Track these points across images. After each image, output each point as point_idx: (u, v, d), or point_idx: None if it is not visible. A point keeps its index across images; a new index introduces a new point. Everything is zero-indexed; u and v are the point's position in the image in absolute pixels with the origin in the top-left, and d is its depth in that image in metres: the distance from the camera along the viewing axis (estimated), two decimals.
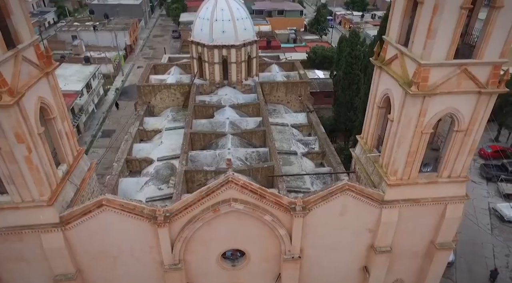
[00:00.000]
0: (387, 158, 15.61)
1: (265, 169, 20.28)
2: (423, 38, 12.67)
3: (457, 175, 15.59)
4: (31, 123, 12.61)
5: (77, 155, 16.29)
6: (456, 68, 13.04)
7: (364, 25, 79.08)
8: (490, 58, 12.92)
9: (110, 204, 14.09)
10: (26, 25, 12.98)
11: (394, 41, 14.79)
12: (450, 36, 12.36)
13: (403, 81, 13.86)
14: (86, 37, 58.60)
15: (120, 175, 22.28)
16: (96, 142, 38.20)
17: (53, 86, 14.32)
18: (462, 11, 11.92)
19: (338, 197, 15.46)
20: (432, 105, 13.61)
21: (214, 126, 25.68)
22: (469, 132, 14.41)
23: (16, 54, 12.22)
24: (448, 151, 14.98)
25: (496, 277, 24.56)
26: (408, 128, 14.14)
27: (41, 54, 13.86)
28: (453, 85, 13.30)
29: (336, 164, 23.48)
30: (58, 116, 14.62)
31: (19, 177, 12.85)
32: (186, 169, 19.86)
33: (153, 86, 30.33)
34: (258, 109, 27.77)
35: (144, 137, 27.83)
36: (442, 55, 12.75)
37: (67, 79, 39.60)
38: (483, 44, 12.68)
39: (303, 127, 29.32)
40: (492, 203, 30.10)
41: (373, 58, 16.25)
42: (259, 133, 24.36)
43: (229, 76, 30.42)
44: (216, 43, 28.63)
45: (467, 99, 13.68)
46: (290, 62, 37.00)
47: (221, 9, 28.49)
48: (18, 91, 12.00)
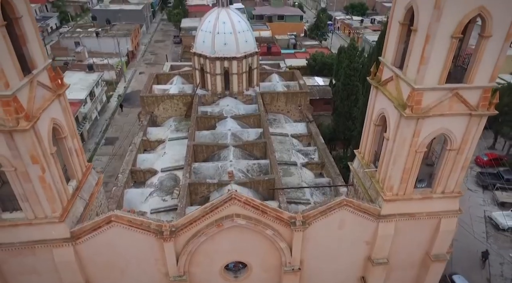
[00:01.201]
0: (383, 173, 16.29)
1: (266, 182, 20.96)
2: (416, 64, 13.36)
3: (451, 191, 16.27)
4: (44, 144, 13.28)
5: (86, 170, 16.95)
6: (448, 92, 13.74)
7: (364, 30, 79.76)
8: (480, 82, 13.60)
9: (119, 220, 14.76)
10: (40, 51, 13.67)
11: (390, 63, 15.49)
12: (442, 63, 13.07)
13: (398, 103, 14.55)
14: (89, 44, 59.33)
15: (125, 186, 22.99)
16: (100, 150, 38.84)
17: (64, 107, 14.98)
18: (453, 40, 12.63)
19: (336, 212, 16.14)
20: (425, 126, 14.29)
21: (216, 138, 26.37)
22: (461, 151, 15.10)
23: (31, 80, 12.91)
24: (442, 168, 15.67)
25: (487, 257, 26.11)
26: (403, 147, 14.83)
27: (53, 77, 14.52)
28: (445, 108, 14.00)
29: (335, 175, 24.17)
30: (69, 135, 15.31)
31: (33, 195, 13.52)
32: (190, 181, 20.54)
33: (156, 97, 31.04)
34: (259, 120, 28.47)
35: (148, 147, 28.52)
36: (435, 80, 13.45)
37: (71, 88, 39.59)
38: (473, 69, 13.38)
39: (303, 137, 30.01)
40: (487, 211, 30.74)
41: (370, 77, 16.96)
42: (260, 145, 25.04)
43: (231, 86, 31.15)
44: (218, 55, 29.37)
45: (459, 121, 14.37)
46: (290, 71, 37.64)
47: (223, 22, 29.23)
48: (33, 115, 12.68)
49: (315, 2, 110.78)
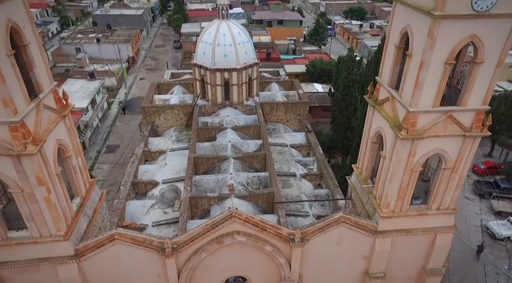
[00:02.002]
0: (380, 190, 16.69)
1: (266, 195, 21.34)
2: (411, 88, 13.77)
3: (446, 207, 16.67)
4: (50, 165, 13.66)
5: (89, 186, 17.34)
6: (442, 115, 14.14)
7: (363, 35, 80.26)
8: (473, 105, 14.01)
9: (122, 238, 15.14)
10: (46, 74, 14.07)
11: (386, 84, 15.89)
12: (436, 87, 13.48)
13: (394, 124, 14.95)
14: (90, 50, 59.70)
15: (127, 198, 23.35)
16: (101, 158, 39.18)
17: (69, 127, 15.38)
18: (447, 66, 13.04)
19: (334, 228, 16.53)
20: (420, 146, 14.69)
21: (217, 149, 26.76)
22: (455, 170, 15.50)
23: (38, 104, 13.30)
24: (437, 185, 16.06)
25: (482, 251, 27.60)
26: (399, 166, 15.22)
27: (58, 99, 14.94)
28: (440, 129, 14.40)
29: (333, 187, 24.57)
30: (73, 154, 15.69)
31: (39, 215, 13.90)
32: (191, 195, 20.91)
33: (157, 107, 31.44)
34: (258, 131, 28.86)
35: (149, 157, 28.89)
36: (429, 103, 13.85)
37: (72, 96, 40.50)
38: (466, 93, 13.78)
39: (302, 148, 30.40)
40: (484, 220, 31.12)
41: (367, 96, 17.37)
42: (260, 157, 25.42)
43: (231, 97, 31.56)
44: (218, 67, 29.78)
45: (453, 142, 14.77)
46: (289, 80, 38.05)
47: (223, 34, 29.65)
48: (40, 138, 13.06)
49: (314, 6, 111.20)
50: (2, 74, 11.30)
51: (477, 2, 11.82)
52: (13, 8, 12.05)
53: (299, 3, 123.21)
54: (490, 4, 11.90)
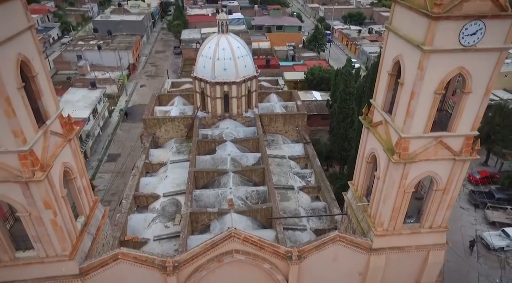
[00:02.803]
0: (375, 209, 17.28)
1: (264, 210, 21.91)
2: (403, 115, 14.37)
3: (438, 226, 17.26)
4: (56, 189, 14.22)
5: (93, 205, 17.90)
6: (433, 140, 14.74)
7: (361, 41, 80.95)
8: (462, 131, 14.62)
9: (125, 257, 15.71)
10: (53, 101, 14.65)
11: (380, 108, 16.48)
12: (427, 115, 14.08)
13: (387, 147, 15.54)
14: (91, 57, 60.29)
15: (128, 212, 23.89)
16: (102, 167, 39.74)
17: (74, 150, 15.94)
18: (436, 96, 13.65)
19: (330, 246, 17.12)
20: (413, 169, 15.28)
21: (217, 162, 27.33)
22: (447, 191, 16.09)
23: (45, 131, 13.87)
24: (429, 205, 16.66)
25: (474, 245, 29.50)
26: (392, 188, 15.81)
27: (64, 123, 15.50)
28: (431, 154, 15.00)
29: (330, 200, 25.15)
30: (78, 175, 16.26)
31: (45, 236, 14.47)
32: (191, 210, 21.47)
33: (158, 119, 32.02)
34: (257, 144, 29.43)
35: (150, 169, 29.45)
36: (420, 129, 14.46)
37: (74, 106, 41.27)
38: (456, 120, 14.39)
39: (300, 159, 30.97)
40: (479, 230, 31.70)
41: (362, 117, 17.98)
42: (259, 171, 26.00)
43: (230, 109, 32.16)
44: (218, 80, 30.38)
45: (444, 165, 15.37)
46: (288, 91, 38.65)
47: (223, 48, 30.25)
48: (47, 164, 13.63)
49: (313, 11, 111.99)
50: (13, 108, 11.88)
51: (464, 37, 12.44)
52: (23, 42, 12.64)
53: (298, 7, 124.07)
54: (477, 39, 12.51)
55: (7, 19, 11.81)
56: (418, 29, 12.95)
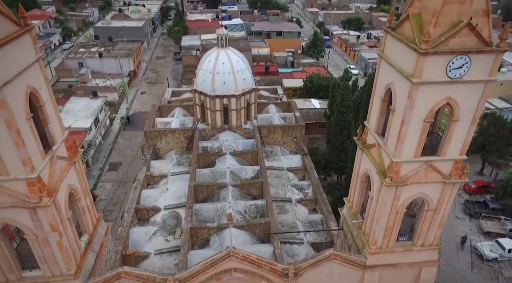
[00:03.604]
0: (369, 228, 17.88)
1: (263, 225, 22.51)
2: (394, 140, 14.99)
3: (430, 244, 17.87)
4: (62, 212, 14.83)
5: (96, 222, 18.49)
6: (423, 164, 15.36)
7: (360, 47, 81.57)
8: (451, 156, 15.23)
9: (128, 276, 16.31)
10: (59, 127, 15.24)
11: (373, 130, 17.10)
12: (417, 141, 14.71)
13: (379, 170, 16.15)
14: (92, 64, 60.92)
15: (130, 225, 24.51)
16: (104, 176, 40.31)
17: (79, 171, 16.54)
18: (426, 124, 14.27)
19: (325, 264, 17.72)
20: (404, 191, 15.90)
21: (216, 176, 27.93)
22: (437, 211, 16.71)
23: (52, 156, 14.48)
24: (421, 224, 17.27)
25: (465, 241, 31.42)
26: (385, 208, 16.42)
27: (70, 146, 16.09)
28: (422, 177, 15.61)
29: (327, 213, 25.77)
30: (82, 195, 16.86)
31: (51, 257, 15.06)
32: (191, 226, 22.07)
33: (159, 131, 32.65)
34: (256, 157, 30.04)
35: (151, 181, 30.08)
36: (411, 154, 15.07)
37: (76, 115, 41.90)
38: (445, 145, 15.01)
39: (298, 171, 31.58)
40: (473, 240, 32.28)
41: (356, 138, 18.60)
42: (257, 185, 26.61)
43: (230, 121, 32.80)
44: (218, 94, 31.01)
45: (435, 187, 15.99)
46: (286, 102, 39.26)
47: (222, 62, 30.89)
48: (53, 188, 14.22)
49: (313, 15, 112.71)
50: (23, 138, 12.49)
51: (451, 70, 13.07)
52: (32, 74, 13.24)
53: (298, 11, 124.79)
54: (463, 72, 13.14)
55: (17, 55, 12.43)
56: (408, 60, 13.59)
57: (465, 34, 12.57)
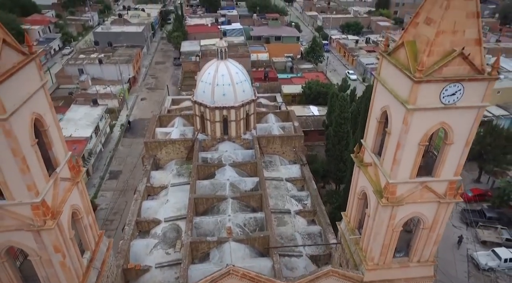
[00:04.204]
0: (366, 244, 18.24)
1: (262, 239, 22.83)
2: (390, 162, 15.34)
3: (426, 260, 18.23)
4: (65, 233, 15.16)
5: (98, 239, 18.81)
6: (419, 185, 15.73)
7: (359, 51, 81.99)
8: (446, 177, 15.60)
9: None
10: (62, 149, 15.57)
11: (370, 149, 17.47)
12: (412, 163, 15.07)
13: (376, 189, 16.52)
14: (92, 70, 61.27)
15: (131, 238, 24.81)
16: (104, 185, 40.60)
17: (81, 191, 16.87)
18: (421, 147, 14.64)
19: (323, 280, 18.06)
20: (400, 211, 16.26)
21: (216, 188, 28.26)
22: (433, 229, 17.07)
23: (55, 179, 14.80)
24: (417, 242, 17.64)
25: (461, 241, 32.90)
26: (381, 227, 16.77)
27: (72, 166, 16.41)
28: (417, 197, 15.98)
29: (325, 225, 26.10)
30: (85, 214, 17.18)
31: (54, 277, 15.36)
32: (191, 240, 22.38)
33: (159, 142, 32.97)
34: (255, 168, 30.38)
35: (152, 192, 30.40)
36: (407, 175, 15.44)
37: (77, 124, 42.22)
38: (439, 167, 15.37)
39: (297, 181, 31.91)
40: (470, 249, 32.66)
41: (354, 155, 18.96)
42: (256, 197, 26.94)
43: (229, 131, 33.15)
44: (217, 105, 31.36)
45: (430, 206, 16.35)
46: (285, 111, 39.61)
47: (222, 74, 31.24)
48: (57, 211, 14.55)
49: (311, 19, 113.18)
50: (28, 165, 12.81)
51: (444, 97, 13.45)
52: (37, 101, 13.57)
53: (297, 15, 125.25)
54: (456, 98, 13.52)
55: (23, 83, 12.76)
56: (403, 86, 13.96)
57: (458, 62, 12.95)
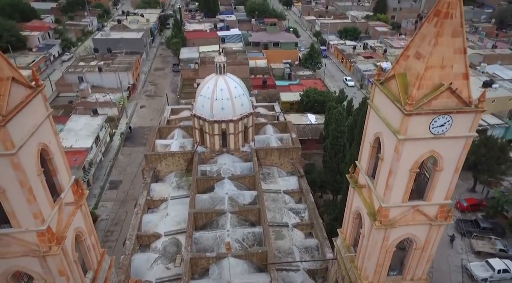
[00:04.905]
0: (361, 262, 18.82)
1: (260, 254, 23.38)
2: (383, 187, 15.93)
3: (419, 278, 18.83)
4: (69, 256, 15.67)
5: (101, 258, 19.34)
6: (410, 208, 16.33)
7: (356, 57, 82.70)
8: (437, 200, 16.20)
9: None
10: (66, 175, 16.09)
11: (364, 171, 18.06)
12: (404, 188, 15.66)
13: (369, 211, 17.10)
14: (92, 78, 61.71)
15: (132, 253, 25.32)
16: (104, 195, 41.01)
17: (85, 213, 17.39)
18: (412, 173, 15.23)
19: None
20: (393, 233, 16.85)
21: (215, 202, 28.79)
22: (425, 249, 17.67)
23: (60, 204, 15.32)
24: (410, 261, 18.24)
25: (454, 239, 34.51)
26: (375, 248, 17.36)
27: (76, 190, 16.94)
28: (409, 219, 16.57)
29: (322, 239, 26.68)
30: (87, 235, 17.70)
31: None
32: (191, 256, 22.91)
33: (159, 154, 33.50)
34: (254, 181, 30.92)
35: (152, 205, 30.91)
36: (399, 199, 16.03)
37: (77, 135, 42.64)
38: (430, 191, 15.97)
39: (294, 193, 32.47)
40: (465, 260, 33.25)
41: (349, 176, 19.55)
42: (255, 211, 27.48)
43: (228, 144, 33.71)
44: (216, 119, 31.92)
45: (422, 228, 16.95)
46: (283, 122, 40.19)
47: (221, 89, 31.81)
48: (62, 236, 15.08)
49: (310, 24, 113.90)
50: (34, 195, 13.34)
51: (434, 128, 14.05)
52: (43, 131, 14.10)
53: (295, 19, 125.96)
54: (445, 129, 14.12)
55: (31, 116, 13.29)
56: (394, 116, 14.55)
57: (446, 96, 13.56)
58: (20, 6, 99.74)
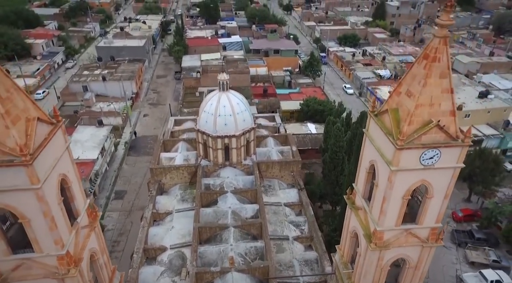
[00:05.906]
0: (357, 279, 19.92)
1: (262, 269, 24.52)
2: (378, 210, 17.08)
3: None
4: (85, 277, 16.80)
5: (112, 274, 20.46)
6: (404, 231, 17.47)
7: (355, 65, 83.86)
8: (428, 224, 17.35)
9: None
10: (82, 200, 17.23)
11: (360, 194, 19.20)
12: (397, 214, 16.80)
13: (365, 233, 18.24)
14: (96, 88, 62.92)
15: (139, 266, 26.47)
16: (110, 205, 42.14)
17: (98, 234, 18.53)
18: (404, 200, 16.38)
19: None
20: (387, 253, 17.99)
21: (218, 216, 29.94)
22: (418, 268, 18.82)
23: (77, 229, 16.46)
24: (404, 278, 19.37)
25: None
26: (371, 267, 18.50)
27: (90, 213, 18.07)
28: (402, 241, 17.72)
29: (321, 252, 27.85)
30: (100, 255, 18.83)
31: None
32: (197, 271, 24.05)
33: (164, 168, 34.69)
34: (255, 195, 32.08)
35: (157, 218, 32.06)
36: (392, 223, 17.17)
37: (83, 146, 43.84)
38: (422, 216, 17.12)
39: (295, 206, 33.64)
40: (459, 270, 34.36)
41: (346, 197, 20.70)
42: (257, 225, 28.62)
43: (230, 158, 34.87)
44: (219, 134, 33.09)
45: (414, 249, 18.10)
46: (284, 135, 41.34)
47: (224, 106, 32.99)
48: (79, 258, 16.22)
49: (310, 29, 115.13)
50: (56, 223, 14.48)
51: (424, 160, 15.20)
52: (63, 162, 15.24)
53: (295, 24, 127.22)
54: (434, 161, 15.27)
55: (52, 150, 14.42)
56: (387, 147, 15.70)
57: (435, 131, 14.71)
58: (24, 13, 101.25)
